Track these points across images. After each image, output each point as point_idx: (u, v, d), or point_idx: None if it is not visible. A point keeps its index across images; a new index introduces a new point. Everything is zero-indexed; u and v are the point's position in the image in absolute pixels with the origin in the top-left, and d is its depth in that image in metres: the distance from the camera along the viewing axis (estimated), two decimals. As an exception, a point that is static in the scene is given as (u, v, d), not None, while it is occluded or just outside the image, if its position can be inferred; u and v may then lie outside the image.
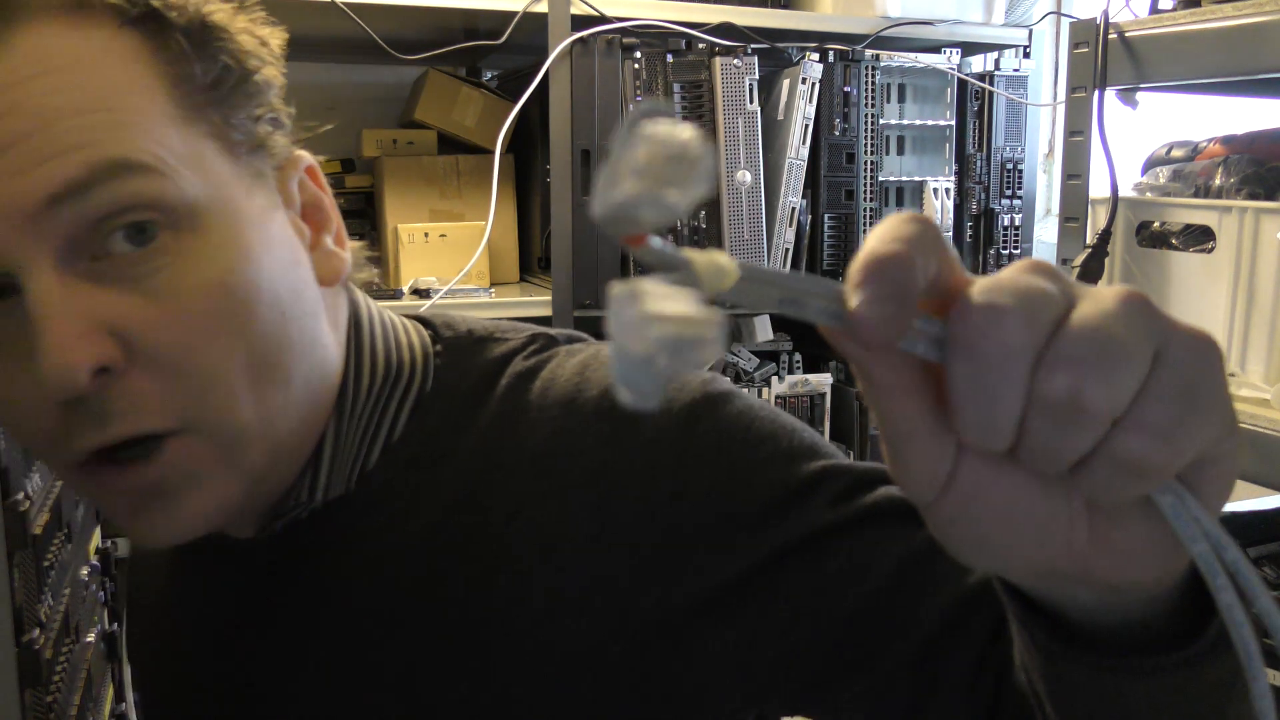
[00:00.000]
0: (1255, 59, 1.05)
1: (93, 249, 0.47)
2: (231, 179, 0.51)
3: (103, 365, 0.46)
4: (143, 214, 0.47)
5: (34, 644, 0.77)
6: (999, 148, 2.19)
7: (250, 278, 0.50)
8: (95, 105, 0.46)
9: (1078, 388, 0.28)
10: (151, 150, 0.47)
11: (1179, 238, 1.20)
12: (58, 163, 0.45)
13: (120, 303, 0.47)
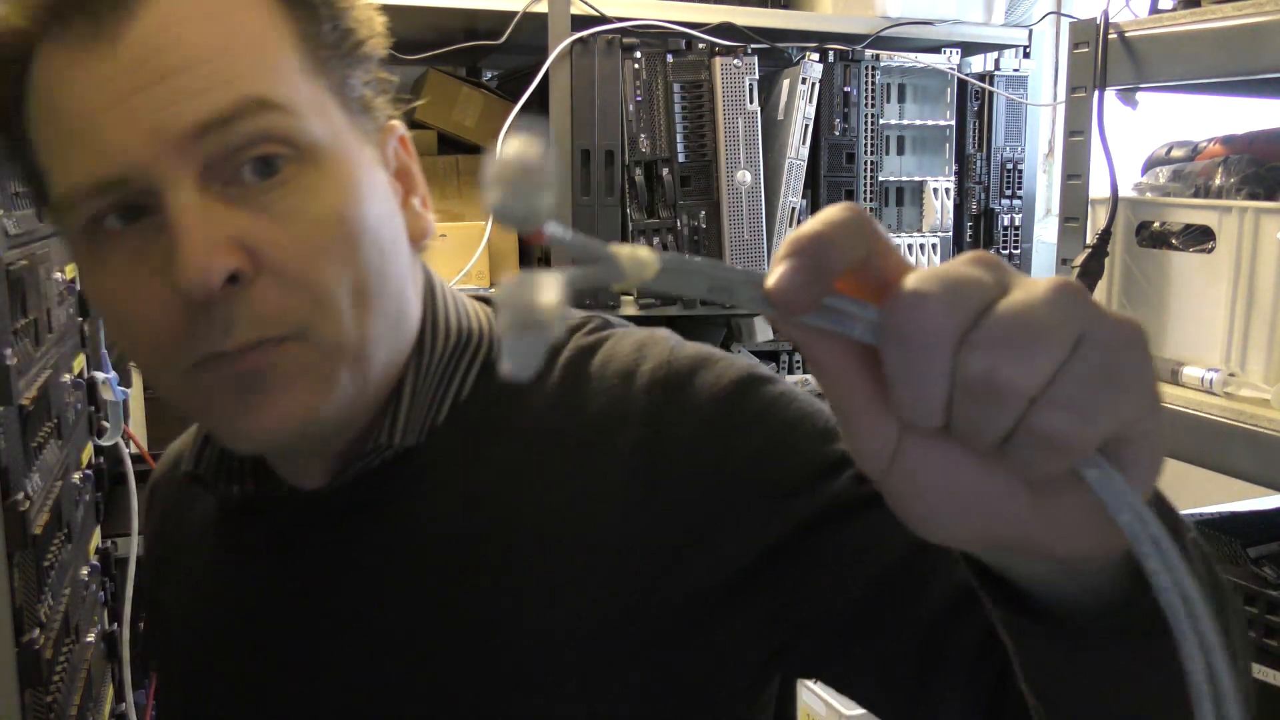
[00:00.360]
0: (1255, 59, 1.05)
1: (225, 176, 0.52)
2: (345, 130, 0.57)
3: (234, 273, 0.51)
4: (274, 147, 0.53)
5: (34, 644, 0.77)
6: (999, 148, 2.19)
7: (360, 214, 0.56)
8: (239, 50, 0.53)
9: (994, 368, 0.30)
10: (285, 93, 0.53)
11: (1179, 238, 1.20)
12: (207, 96, 0.51)
13: (249, 222, 0.52)
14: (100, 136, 0.51)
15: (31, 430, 0.82)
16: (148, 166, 0.51)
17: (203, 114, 0.51)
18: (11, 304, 0.79)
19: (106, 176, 0.52)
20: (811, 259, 0.32)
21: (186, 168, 0.51)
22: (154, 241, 0.52)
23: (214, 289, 0.50)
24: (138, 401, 1.76)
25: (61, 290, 1.00)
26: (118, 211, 0.53)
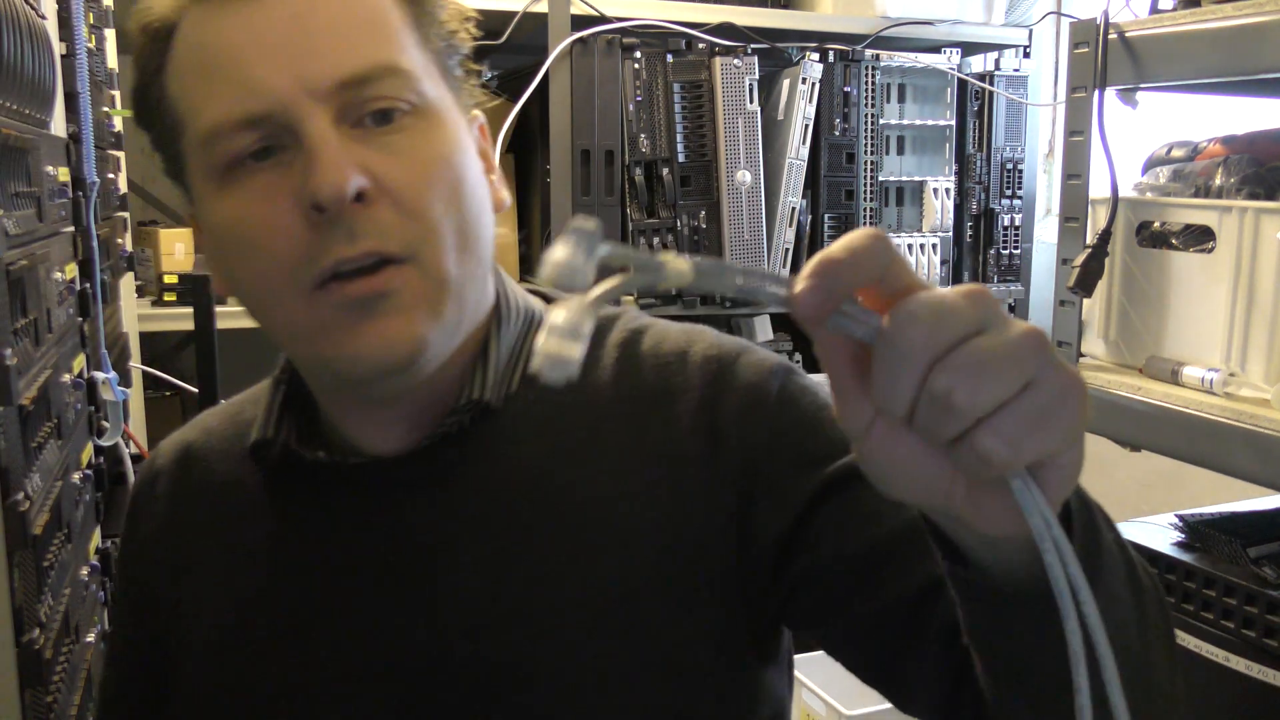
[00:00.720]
0: (1255, 59, 1.05)
1: (351, 120, 0.61)
2: (449, 99, 0.66)
3: (360, 190, 0.59)
4: (396, 103, 0.62)
5: (34, 644, 0.77)
6: (999, 148, 2.19)
7: (461, 164, 0.64)
8: (370, 22, 0.62)
9: (952, 389, 0.38)
10: (407, 61, 0.63)
11: (1179, 238, 1.20)
12: (348, 57, 0.60)
13: (372, 154, 0.60)
14: (252, 76, 0.60)
15: (31, 430, 0.82)
16: (290, 106, 0.59)
17: (344, 72, 0.60)
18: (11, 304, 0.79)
19: (254, 111, 0.60)
20: (829, 280, 0.40)
21: (324, 109, 0.60)
22: (286, 172, 0.60)
23: (346, 197, 0.58)
24: (138, 401, 1.76)
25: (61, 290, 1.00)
26: (253, 152, 0.61)
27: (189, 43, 0.63)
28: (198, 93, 0.62)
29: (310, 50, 0.60)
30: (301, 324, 0.62)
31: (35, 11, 0.95)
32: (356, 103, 0.61)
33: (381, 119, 0.61)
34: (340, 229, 0.59)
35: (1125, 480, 2.06)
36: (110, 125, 1.50)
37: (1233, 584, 1.07)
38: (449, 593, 0.66)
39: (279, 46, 0.60)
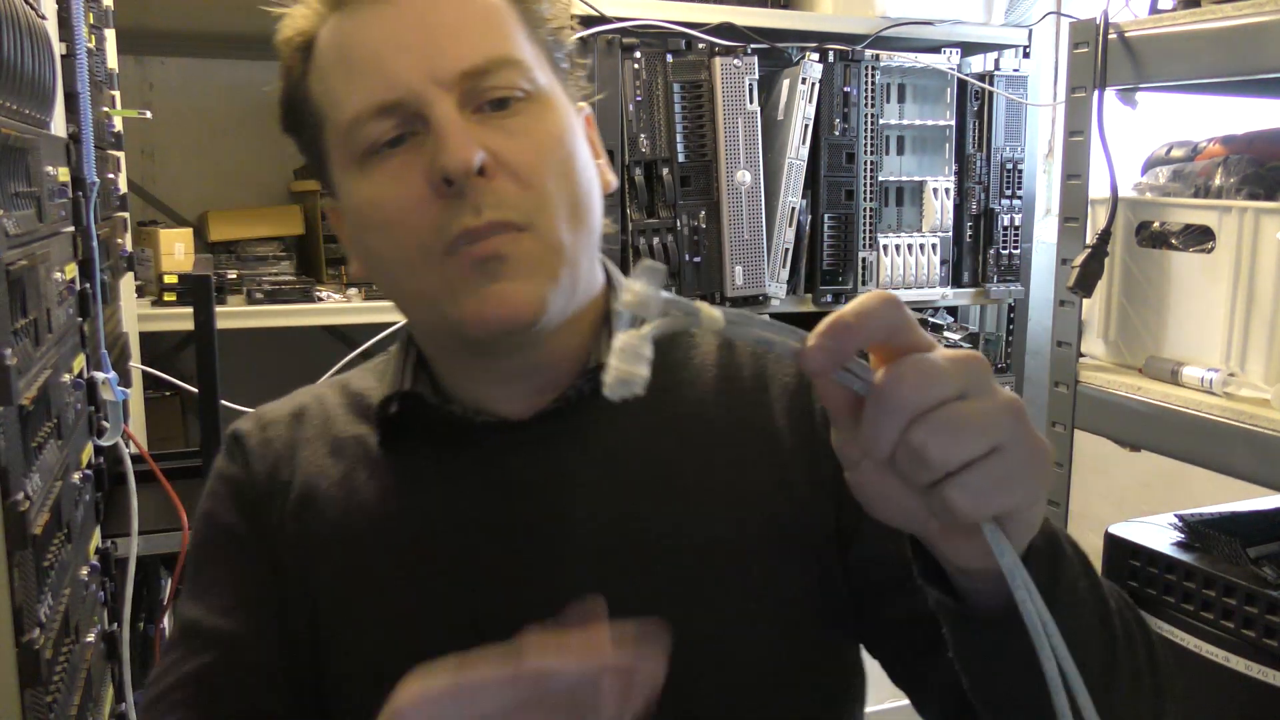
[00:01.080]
0: (1255, 59, 1.05)
1: (473, 106, 0.68)
2: (556, 87, 0.73)
3: (483, 164, 0.65)
4: (512, 92, 0.69)
5: (34, 644, 0.77)
6: (999, 148, 2.19)
7: (574, 145, 0.71)
8: (486, 20, 0.70)
9: (925, 445, 0.44)
10: (520, 53, 0.70)
11: (1179, 238, 1.20)
12: (469, 51, 0.68)
13: (491, 135, 0.67)
14: (387, 69, 0.67)
15: (31, 430, 0.82)
16: (420, 93, 0.66)
17: (466, 64, 0.67)
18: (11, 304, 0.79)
19: (388, 99, 0.67)
20: (837, 340, 0.45)
21: (448, 96, 0.67)
22: (417, 155, 0.67)
23: (472, 169, 0.64)
24: (138, 401, 1.76)
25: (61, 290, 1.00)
26: (387, 140, 0.68)
27: (329, 46, 0.71)
28: (339, 88, 0.70)
29: (436, 46, 0.67)
30: (431, 289, 0.68)
31: (35, 11, 0.95)
32: (477, 91, 0.68)
33: (499, 105, 0.68)
34: (466, 201, 0.66)
35: (1125, 480, 2.06)
36: (110, 125, 1.50)
37: (1233, 584, 1.07)
38: (568, 552, 0.71)
39: (409, 43, 0.68)
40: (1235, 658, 1.07)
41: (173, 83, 2.24)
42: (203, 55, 2.24)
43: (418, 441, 0.75)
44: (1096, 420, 1.24)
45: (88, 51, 1.22)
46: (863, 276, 2.13)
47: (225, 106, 2.25)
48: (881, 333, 0.45)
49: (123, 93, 1.79)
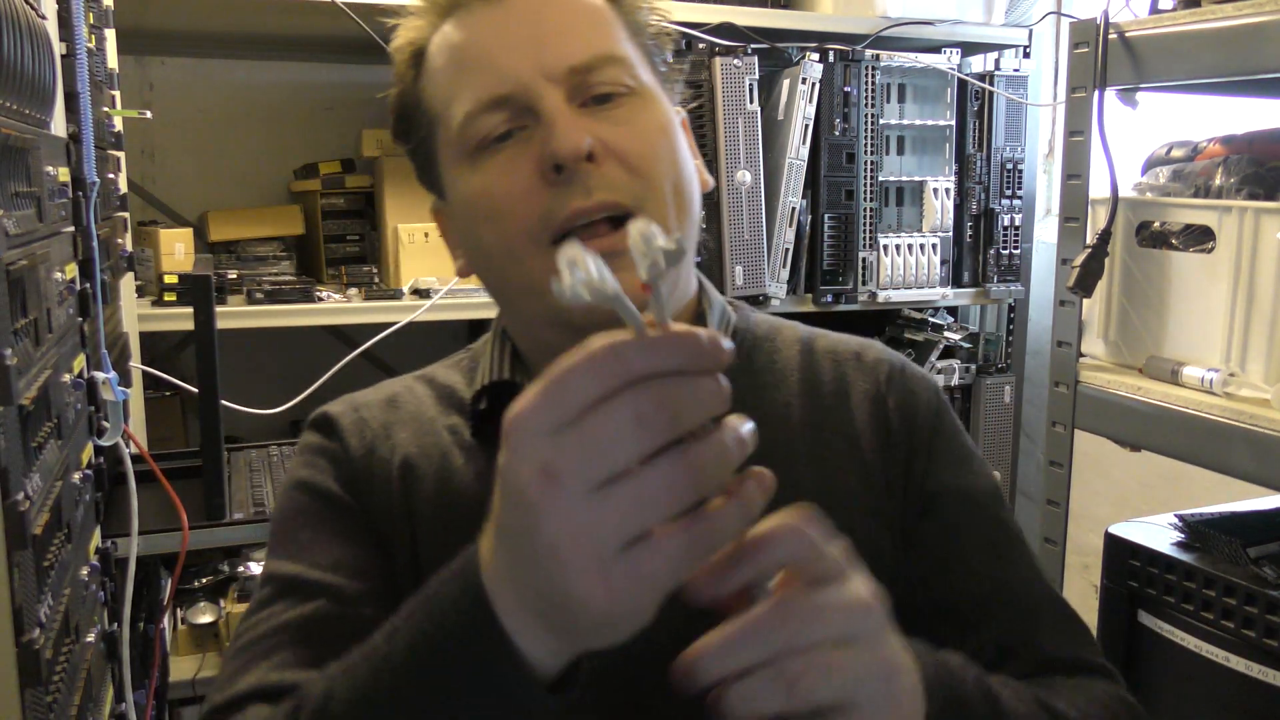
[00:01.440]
0: (1255, 59, 1.05)
1: (579, 100, 0.71)
2: (656, 85, 0.76)
3: (591, 149, 0.68)
4: (616, 87, 0.72)
5: (34, 644, 0.77)
6: (999, 148, 2.19)
7: (677, 138, 0.75)
8: (591, 20, 0.74)
9: (797, 679, 0.46)
10: (624, 51, 0.74)
11: (1179, 238, 1.20)
12: (577, 47, 0.71)
13: (598, 125, 0.70)
14: (499, 66, 0.71)
15: (31, 430, 0.82)
16: (529, 88, 0.70)
17: (574, 60, 0.70)
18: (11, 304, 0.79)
19: (499, 92, 0.70)
20: (734, 570, 0.47)
21: (557, 89, 0.70)
22: (526, 146, 0.70)
23: (581, 154, 0.67)
24: (138, 401, 1.76)
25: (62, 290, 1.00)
26: (498, 135, 0.71)
27: (440, 50, 0.75)
28: (451, 87, 0.73)
29: (544, 43, 0.71)
30: (537, 277, 0.69)
31: (35, 11, 0.95)
32: (584, 86, 0.71)
33: (604, 100, 0.72)
34: (576, 185, 0.68)
35: (1125, 480, 2.06)
36: (110, 125, 1.50)
37: (1233, 584, 1.07)
38: None
39: (519, 41, 0.71)
40: (1235, 658, 1.07)
41: (173, 83, 2.24)
42: (203, 55, 2.24)
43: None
44: (1096, 420, 1.24)
45: (88, 51, 1.22)
46: (863, 276, 2.13)
47: (225, 106, 2.25)
48: (785, 563, 0.48)
49: (123, 93, 1.79)
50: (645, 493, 0.42)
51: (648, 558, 0.42)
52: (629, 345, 0.43)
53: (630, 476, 0.42)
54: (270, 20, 1.88)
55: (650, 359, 0.43)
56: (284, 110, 2.28)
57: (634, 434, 0.42)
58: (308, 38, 2.06)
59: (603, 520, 0.42)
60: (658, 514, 0.42)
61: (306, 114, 2.30)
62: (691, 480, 0.43)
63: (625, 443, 0.42)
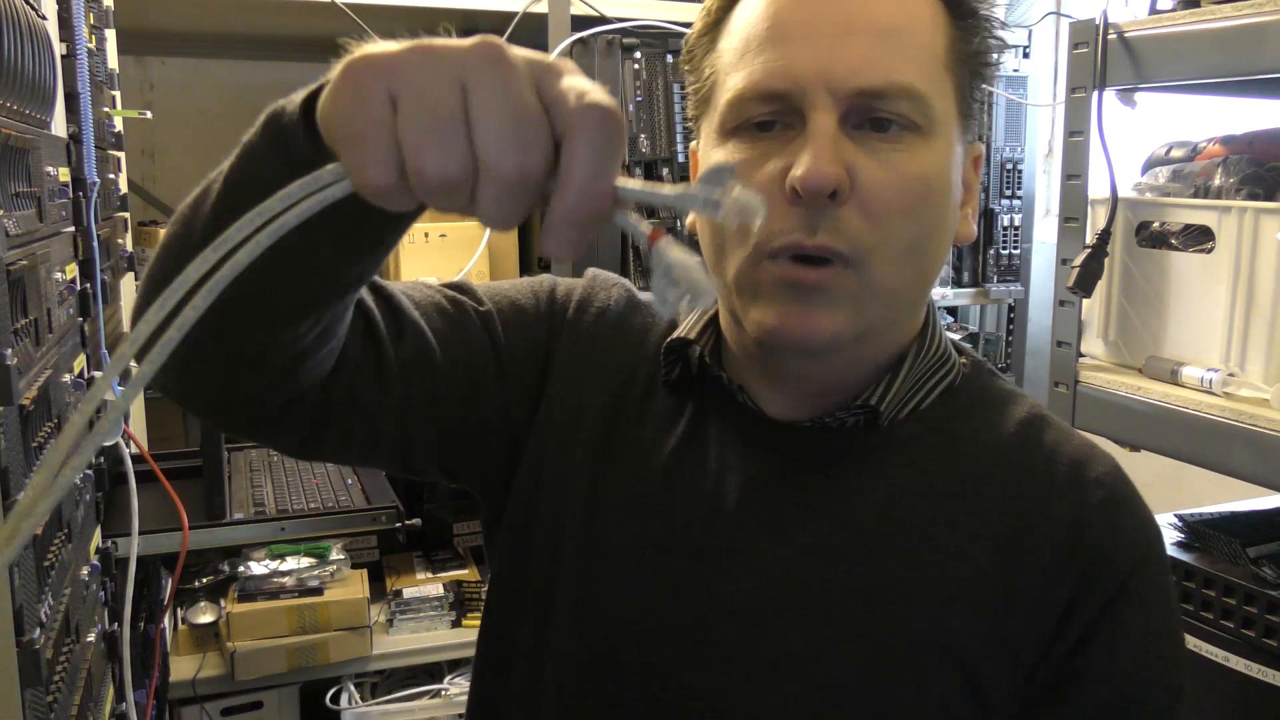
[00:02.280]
0: (1255, 59, 1.05)
1: (853, 122, 0.65)
2: (954, 123, 0.69)
3: (837, 187, 0.63)
4: (901, 119, 0.65)
5: (34, 644, 0.77)
6: (999, 148, 2.19)
7: (943, 185, 0.68)
8: (908, 35, 0.66)
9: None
10: (926, 83, 0.66)
11: (1178, 238, 1.20)
12: (874, 69, 0.64)
13: (860, 156, 0.64)
14: (787, 57, 0.65)
15: (31, 430, 0.82)
16: (808, 92, 0.64)
17: (865, 83, 0.64)
18: (11, 304, 0.79)
19: (777, 87, 0.65)
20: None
21: (833, 105, 0.64)
22: (782, 146, 0.65)
23: (824, 190, 0.62)
24: (138, 401, 1.76)
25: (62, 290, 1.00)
26: (759, 122, 0.66)
27: (747, 10, 0.68)
28: (739, 57, 0.68)
29: (845, 51, 0.64)
30: (742, 280, 0.67)
31: (36, 12, 0.95)
32: (865, 109, 0.65)
33: (880, 126, 0.65)
34: (807, 218, 0.64)
35: (1125, 480, 2.06)
36: (110, 125, 1.50)
37: (1232, 584, 1.07)
38: (766, 560, 0.69)
39: (820, 40, 0.65)
40: (1235, 658, 1.07)
41: (173, 83, 2.24)
42: (203, 55, 2.24)
43: (683, 387, 0.76)
44: (1096, 420, 1.24)
45: (88, 52, 1.22)
46: (863, 276, 2.13)
47: (225, 106, 2.25)
48: None
49: (123, 93, 1.79)
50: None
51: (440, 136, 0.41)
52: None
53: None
54: (271, 20, 1.88)
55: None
56: (284, 110, 2.28)
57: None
58: (308, 38, 2.06)
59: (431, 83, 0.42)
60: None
61: (307, 114, 2.30)
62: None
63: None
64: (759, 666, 0.68)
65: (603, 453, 0.75)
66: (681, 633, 0.70)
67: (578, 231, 0.42)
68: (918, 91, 0.65)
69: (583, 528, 0.74)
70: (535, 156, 0.41)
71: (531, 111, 0.41)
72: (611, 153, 0.42)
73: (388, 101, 0.42)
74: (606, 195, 0.43)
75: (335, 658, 1.88)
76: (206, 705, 1.84)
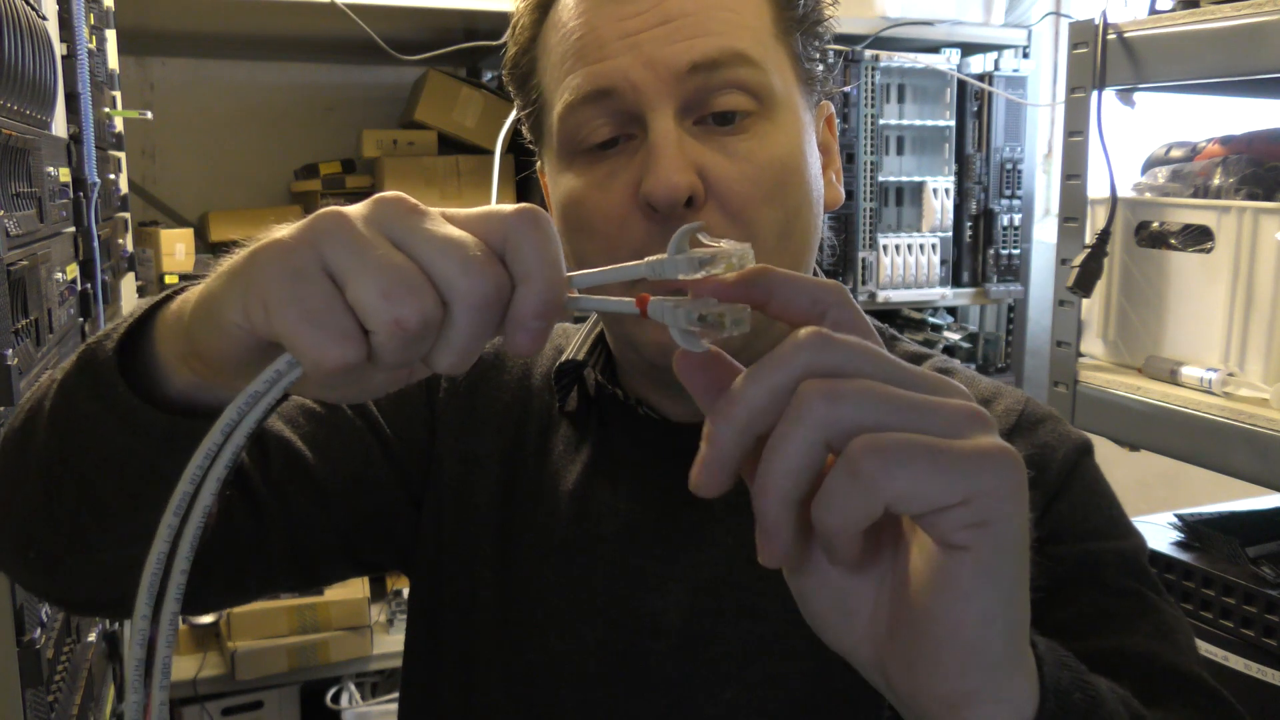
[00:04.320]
0: (1254, 59, 1.05)
1: (694, 117, 0.63)
2: (796, 92, 0.67)
3: (691, 193, 0.61)
4: (741, 99, 0.63)
5: (35, 644, 0.77)
6: (998, 148, 2.19)
7: (798, 163, 0.66)
8: (730, 7, 0.64)
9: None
10: (759, 51, 0.64)
11: (1178, 238, 1.20)
12: (702, 41, 0.62)
13: (709, 155, 0.62)
14: (609, 57, 0.63)
15: (32, 430, 0.82)
16: (639, 88, 0.62)
17: (695, 55, 0.61)
18: (12, 304, 0.79)
19: (603, 85, 0.62)
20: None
21: (671, 100, 0.62)
22: (628, 161, 0.63)
23: (680, 199, 0.60)
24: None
25: (62, 290, 1.00)
26: (600, 142, 0.64)
27: (560, 23, 0.66)
28: (560, 70, 0.66)
29: (666, 36, 0.62)
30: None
31: (36, 12, 0.95)
32: (703, 94, 0.62)
33: (724, 119, 0.63)
34: (669, 230, 0.61)
35: (1125, 480, 2.06)
36: (111, 126, 1.50)
37: (1232, 583, 1.07)
38: (690, 569, 0.68)
39: (637, 32, 0.63)
40: (1235, 657, 1.07)
41: (173, 83, 2.24)
42: (203, 55, 2.25)
43: (579, 408, 0.75)
44: (1096, 420, 1.24)
45: (88, 52, 1.22)
46: (863, 276, 2.13)
47: (226, 106, 2.26)
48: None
49: (124, 93, 1.79)
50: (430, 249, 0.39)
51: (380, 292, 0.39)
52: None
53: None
54: (271, 21, 1.88)
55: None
56: (285, 111, 2.28)
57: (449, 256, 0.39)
58: (308, 38, 2.06)
59: (370, 253, 0.39)
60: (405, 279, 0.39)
61: (307, 114, 2.30)
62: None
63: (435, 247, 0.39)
64: (700, 675, 0.67)
65: (507, 497, 0.73)
66: (617, 659, 0.68)
67: (546, 322, 0.41)
68: (750, 56, 0.63)
69: (497, 575, 0.72)
70: (496, 267, 0.40)
71: (466, 236, 0.40)
72: (558, 242, 0.41)
73: (325, 276, 0.39)
74: (564, 284, 0.41)
75: (335, 657, 1.88)
76: (207, 705, 1.85)
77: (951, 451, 0.35)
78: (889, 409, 0.36)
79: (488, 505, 0.73)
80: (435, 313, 0.39)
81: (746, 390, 0.38)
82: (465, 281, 0.39)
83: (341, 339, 0.39)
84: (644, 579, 0.69)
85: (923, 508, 0.36)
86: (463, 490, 0.74)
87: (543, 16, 0.68)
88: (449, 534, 0.74)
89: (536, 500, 0.73)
